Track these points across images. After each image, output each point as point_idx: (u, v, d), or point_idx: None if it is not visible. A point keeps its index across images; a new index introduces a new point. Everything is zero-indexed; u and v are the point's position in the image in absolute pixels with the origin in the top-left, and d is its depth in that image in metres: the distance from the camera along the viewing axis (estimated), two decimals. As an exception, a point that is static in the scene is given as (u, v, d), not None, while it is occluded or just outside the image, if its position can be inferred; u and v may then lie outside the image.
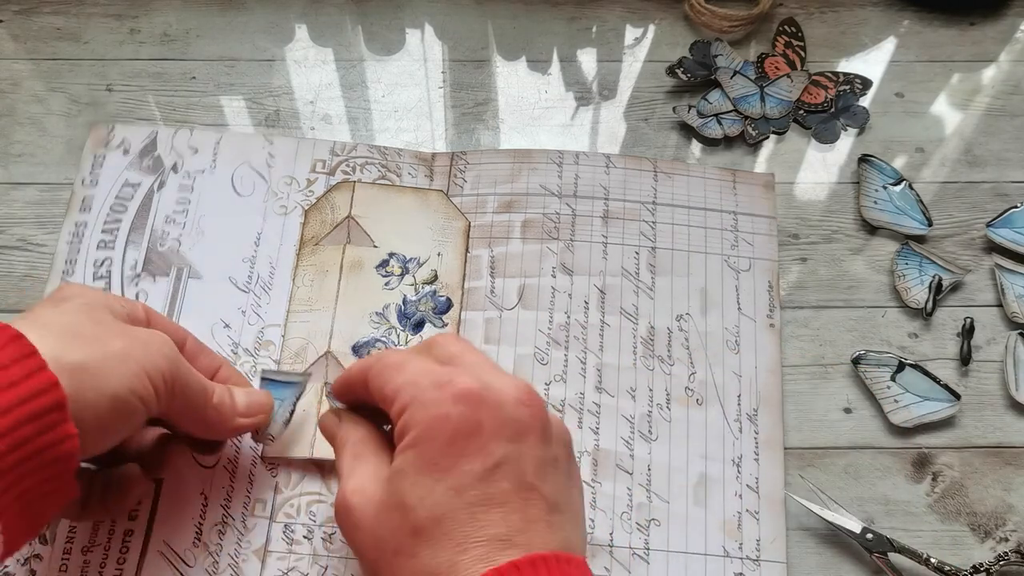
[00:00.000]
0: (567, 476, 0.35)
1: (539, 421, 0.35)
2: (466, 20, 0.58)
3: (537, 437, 0.34)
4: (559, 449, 0.35)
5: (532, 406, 0.35)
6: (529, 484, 0.33)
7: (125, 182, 0.51)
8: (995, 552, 0.44)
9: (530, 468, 0.33)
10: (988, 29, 0.58)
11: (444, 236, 0.50)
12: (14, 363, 0.31)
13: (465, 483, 0.32)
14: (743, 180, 0.52)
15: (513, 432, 0.34)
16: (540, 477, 0.34)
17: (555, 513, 0.33)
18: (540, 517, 0.33)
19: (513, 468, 0.33)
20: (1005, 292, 0.49)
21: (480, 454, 0.33)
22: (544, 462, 0.34)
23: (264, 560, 0.42)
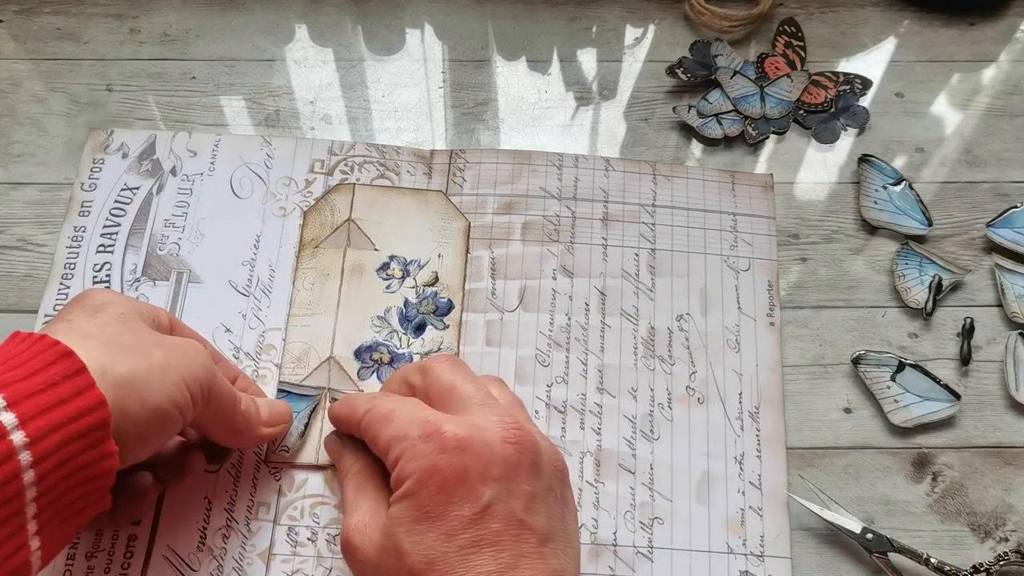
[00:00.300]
0: (560, 503, 0.36)
1: (528, 456, 0.36)
2: (466, 20, 0.58)
3: (526, 472, 0.35)
4: (551, 478, 0.36)
5: (519, 443, 0.36)
6: (519, 521, 0.34)
7: (124, 186, 0.51)
8: (995, 552, 0.44)
9: (519, 505, 0.35)
10: (988, 29, 0.58)
11: (444, 237, 0.50)
12: (65, 380, 0.31)
13: (456, 527, 0.34)
14: (742, 181, 0.52)
15: (501, 472, 0.35)
16: (530, 512, 0.35)
17: (547, 544, 0.35)
18: (531, 551, 0.34)
19: (502, 508, 0.34)
20: (1005, 292, 0.49)
21: (469, 499, 0.34)
22: (534, 496, 0.35)
23: (268, 563, 0.42)
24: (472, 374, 0.40)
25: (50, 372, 0.31)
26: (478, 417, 0.37)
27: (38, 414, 0.30)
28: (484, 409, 0.37)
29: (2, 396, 0.30)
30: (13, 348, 0.32)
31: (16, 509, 0.30)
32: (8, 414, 0.30)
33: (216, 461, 0.43)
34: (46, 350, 0.32)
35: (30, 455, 0.30)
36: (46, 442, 0.30)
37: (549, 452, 0.37)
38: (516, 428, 0.36)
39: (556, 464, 0.37)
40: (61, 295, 0.48)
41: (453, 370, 0.40)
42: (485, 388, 0.39)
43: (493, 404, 0.38)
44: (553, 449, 0.37)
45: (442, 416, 0.37)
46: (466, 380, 0.39)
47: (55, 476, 0.31)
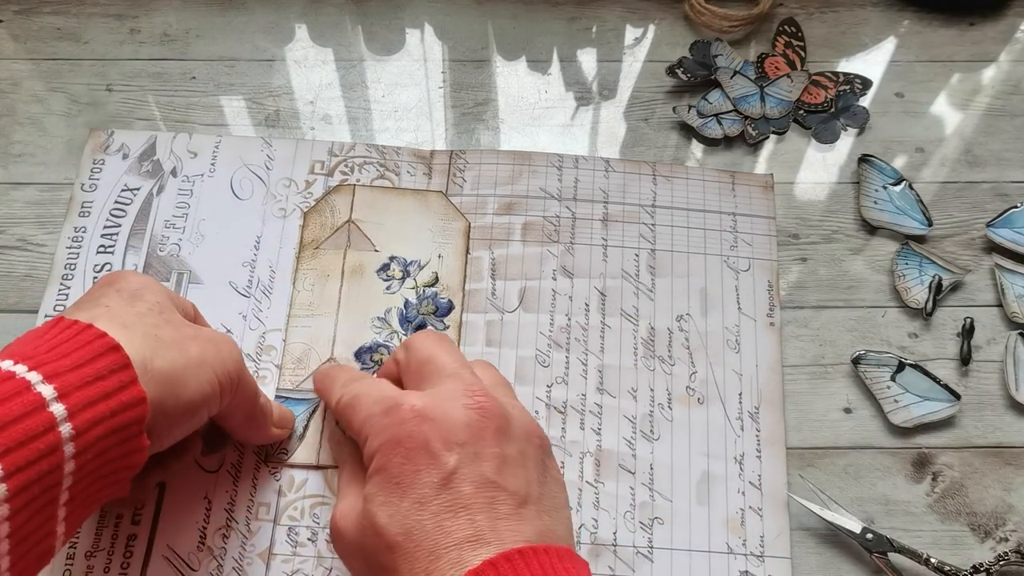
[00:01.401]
0: (538, 469, 0.36)
1: (493, 420, 0.36)
2: (466, 20, 0.58)
3: (493, 436, 0.35)
4: (524, 444, 0.36)
5: (482, 407, 0.36)
6: (491, 482, 0.34)
7: (124, 186, 0.51)
8: (995, 552, 0.44)
9: (489, 468, 0.35)
10: (988, 29, 0.58)
11: (444, 237, 0.50)
12: (111, 374, 0.32)
13: (427, 494, 0.34)
14: (741, 181, 0.52)
15: (465, 437, 0.35)
16: (502, 474, 0.35)
17: (526, 505, 0.34)
18: (509, 512, 0.34)
19: (471, 471, 0.34)
20: (1005, 292, 0.49)
21: (434, 465, 0.34)
22: (505, 459, 0.35)
23: (268, 563, 0.42)
24: (453, 348, 0.40)
25: (98, 365, 0.32)
26: (444, 388, 0.37)
27: (85, 407, 0.31)
28: (452, 380, 0.38)
29: (53, 386, 0.31)
30: (59, 335, 0.33)
31: (53, 497, 0.31)
32: (59, 405, 0.30)
33: (213, 450, 0.44)
34: (93, 341, 0.32)
35: (73, 447, 0.31)
36: (89, 435, 0.31)
37: (522, 420, 0.37)
38: (480, 395, 0.36)
39: (530, 431, 0.37)
40: (61, 295, 0.48)
41: (432, 343, 0.40)
42: (462, 360, 0.39)
43: (463, 375, 0.38)
44: (529, 420, 0.38)
45: (403, 392, 0.38)
46: (443, 352, 0.40)
47: (91, 467, 0.31)
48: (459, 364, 0.39)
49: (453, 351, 0.40)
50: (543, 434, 0.38)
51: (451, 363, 0.39)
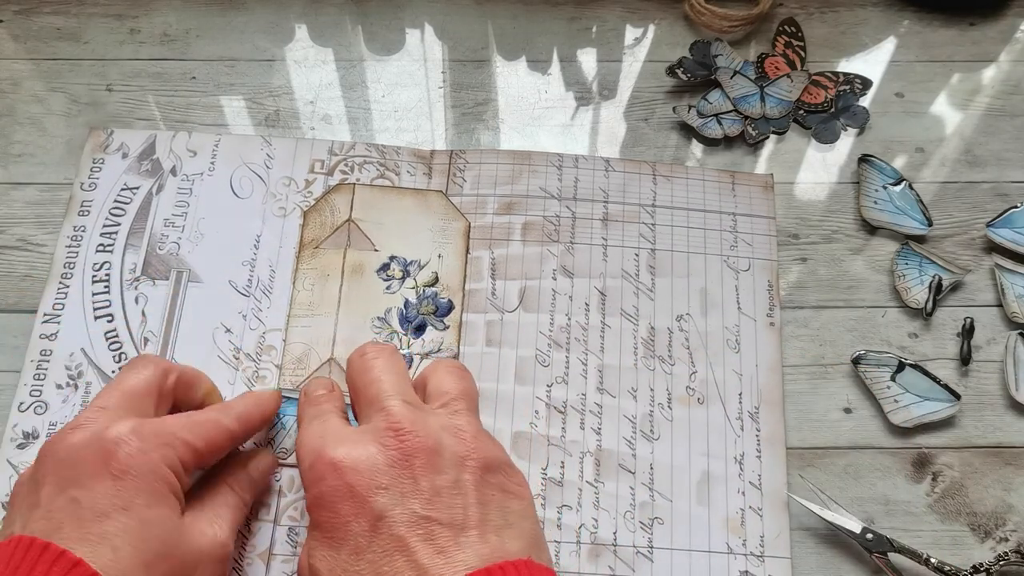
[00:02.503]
0: (477, 492, 0.35)
1: (419, 455, 0.35)
2: (466, 20, 0.58)
3: (421, 470, 0.35)
4: (456, 471, 0.36)
5: (402, 446, 0.36)
6: (424, 518, 0.34)
7: (124, 186, 0.51)
8: (995, 552, 0.44)
9: (419, 503, 0.34)
10: (988, 29, 0.58)
11: (444, 237, 0.50)
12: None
13: (360, 544, 0.34)
14: (741, 181, 0.52)
15: (389, 479, 0.35)
16: (434, 506, 0.34)
17: (465, 532, 0.34)
18: (447, 544, 0.33)
19: (400, 511, 0.34)
20: (1005, 292, 0.49)
21: (361, 514, 0.34)
22: (436, 491, 0.35)
23: (268, 563, 0.42)
24: (387, 365, 0.40)
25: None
26: (369, 426, 0.37)
27: None
28: (379, 415, 0.37)
29: None
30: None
31: None
32: None
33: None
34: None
35: None
36: None
37: (454, 446, 0.36)
38: (403, 433, 0.36)
39: (463, 455, 0.36)
40: (60, 295, 0.48)
41: (365, 366, 0.40)
42: (396, 382, 0.39)
43: (391, 407, 0.37)
44: (465, 443, 0.37)
45: (330, 439, 0.37)
46: (378, 376, 0.39)
47: None
48: (392, 390, 0.38)
49: (389, 369, 0.40)
50: (483, 453, 0.37)
51: (385, 390, 0.38)
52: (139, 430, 0.36)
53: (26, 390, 0.46)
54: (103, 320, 0.47)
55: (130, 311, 0.48)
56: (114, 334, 0.47)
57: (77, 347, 0.47)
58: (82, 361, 0.46)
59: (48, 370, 0.46)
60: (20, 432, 0.45)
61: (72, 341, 0.47)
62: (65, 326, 0.47)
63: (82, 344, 0.47)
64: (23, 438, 0.45)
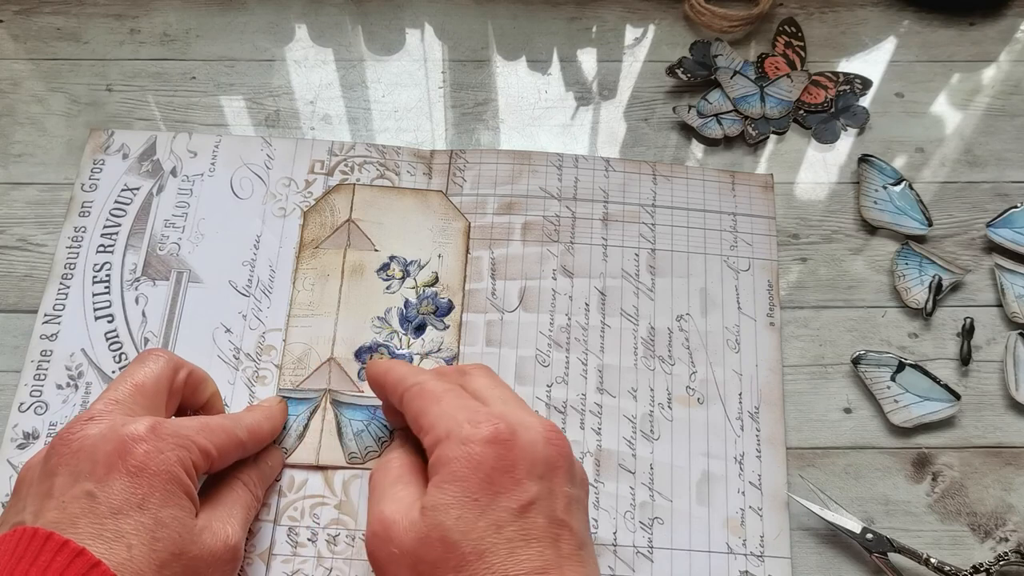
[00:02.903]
0: (586, 516, 0.37)
1: (565, 460, 0.36)
2: (466, 20, 0.58)
3: (564, 475, 0.36)
4: (581, 490, 0.37)
5: (559, 445, 0.36)
6: (560, 520, 0.35)
7: (124, 186, 0.51)
8: (995, 552, 0.44)
9: (560, 505, 0.35)
10: (988, 29, 0.58)
11: (444, 237, 0.50)
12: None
13: (504, 519, 0.34)
14: (741, 181, 0.52)
15: (544, 470, 0.35)
16: (569, 514, 0.35)
17: (583, 548, 0.35)
18: (571, 552, 0.34)
19: (546, 505, 0.35)
20: (1005, 292, 0.49)
21: (516, 491, 0.34)
22: (571, 499, 0.36)
23: (269, 563, 0.42)
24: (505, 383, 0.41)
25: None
26: (521, 416, 0.37)
27: None
28: (523, 410, 0.38)
29: None
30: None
31: None
32: None
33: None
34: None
35: None
36: None
37: (581, 467, 0.38)
38: (557, 432, 0.37)
39: (585, 479, 0.38)
40: (61, 295, 0.48)
41: (489, 376, 0.40)
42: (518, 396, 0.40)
43: (528, 408, 0.38)
44: (581, 465, 0.38)
45: (490, 409, 0.37)
46: (502, 385, 0.40)
47: None
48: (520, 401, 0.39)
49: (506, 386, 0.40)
50: (587, 487, 0.38)
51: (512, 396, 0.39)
52: (157, 429, 0.36)
53: (26, 390, 0.46)
54: (103, 320, 0.47)
55: (130, 311, 0.48)
56: (114, 334, 0.47)
57: (77, 347, 0.47)
58: (82, 361, 0.46)
59: (48, 370, 0.46)
60: (20, 432, 0.45)
61: (72, 341, 0.47)
62: (65, 326, 0.47)
63: (82, 344, 0.47)
64: (23, 438, 0.45)
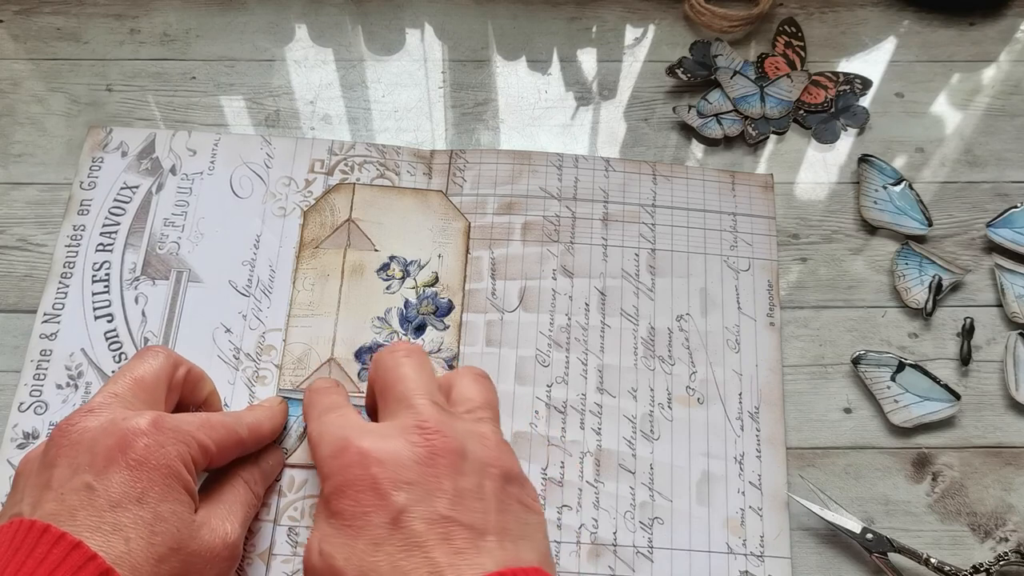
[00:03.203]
0: (497, 499, 0.35)
1: (445, 455, 0.35)
2: (466, 20, 0.58)
3: (445, 471, 0.35)
4: (480, 477, 0.36)
5: (431, 444, 0.35)
6: (445, 518, 0.34)
7: (123, 185, 0.51)
8: (995, 552, 0.44)
9: (443, 503, 0.34)
10: (988, 29, 0.58)
11: (445, 237, 0.50)
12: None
13: (380, 535, 0.34)
14: (741, 181, 0.52)
15: (415, 475, 0.35)
16: (456, 508, 0.34)
17: (484, 538, 0.34)
18: (466, 546, 0.33)
19: (422, 509, 0.34)
20: (1005, 292, 0.49)
21: (383, 506, 0.34)
22: (460, 493, 0.35)
23: (268, 564, 0.42)
24: (418, 365, 0.40)
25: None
26: (396, 423, 0.37)
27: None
28: (407, 413, 0.37)
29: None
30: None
31: None
32: None
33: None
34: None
35: None
36: None
37: (479, 451, 0.36)
38: (431, 432, 0.36)
39: (487, 461, 0.36)
40: (60, 294, 0.48)
41: (395, 364, 0.40)
42: (425, 384, 0.39)
43: (420, 406, 0.37)
44: (489, 449, 0.37)
45: (354, 430, 0.37)
46: (407, 374, 0.39)
47: None
48: (421, 390, 0.38)
49: (418, 369, 0.39)
50: (505, 463, 0.37)
51: (413, 388, 0.38)
52: (158, 423, 0.36)
53: (26, 390, 0.46)
54: (103, 320, 0.47)
55: (130, 311, 0.48)
56: (114, 334, 0.47)
57: (77, 347, 0.47)
58: (82, 361, 0.46)
59: (48, 370, 0.46)
60: (20, 432, 0.45)
61: (72, 341, 0.47)
62: (65, 326, 0.47)
63: (82, 344, 0.47)
64: (23, 438, 0.45)
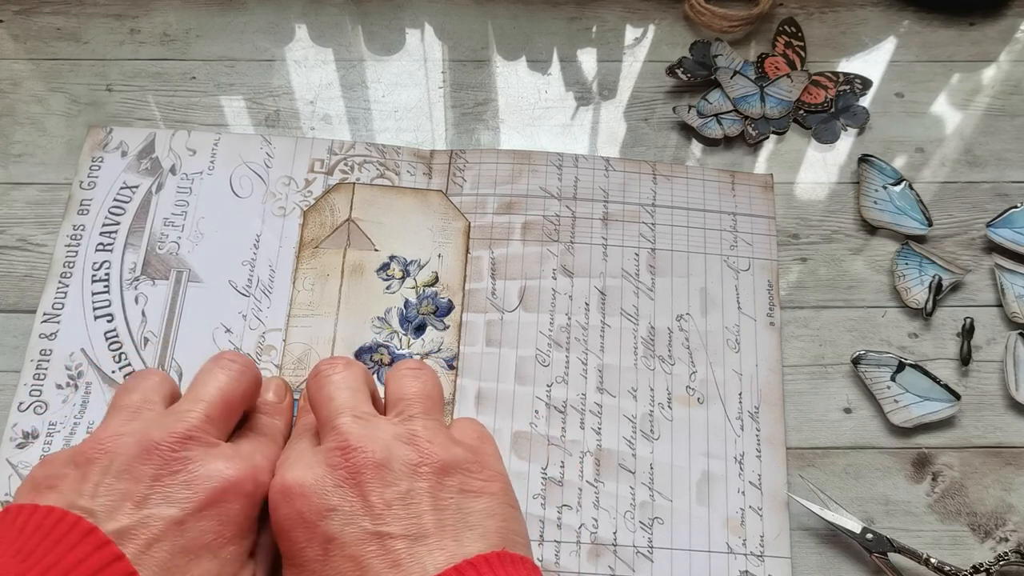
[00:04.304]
0: (431, 499, 0.35)
1: (366, 471, 0.35)
2: (466, 20, 0.58)
3: (370, 486, 0.34)
4: (408, 481, 0.35)
5: (349, 465, 0.35)
6: (374, 534, 0.33)
7: (123, 184, 0.51)
8: (995, 552, 0.44)
9: (368, 520, 0.34)
10: (988, 29, 0.58)
11: (444, 237, 0.50)
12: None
13: (316, 569, 0.34)
14: (741, 181, 0.52)
15: (338, 499, 0.34)
16: (385, 521, 0.34)
17: (422, 541, 0.33)
18: (403, 556, 0.33)
19: (350, 531, 0.33)
20: (1005, 292, 0.49)
21: (312, 539, 0.34)
22: (387, 504, 0.34)
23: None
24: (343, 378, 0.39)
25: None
26: (320, 449, 0.36)
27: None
28: (329, 435, 0.37)
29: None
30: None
31: None
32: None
33: None
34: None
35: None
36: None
37: (404, 456, 0.35)
38: (349, 450, 0.35)
39: (416, 463, 0.35)
40: (60, 294, 0.48)
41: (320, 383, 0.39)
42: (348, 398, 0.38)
43: (340, 424, 0.37)
44: (417, 451, 0.36)
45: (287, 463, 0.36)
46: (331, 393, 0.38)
47: None
48: (343, 408, 0.37)
49: (342, 386, 0.39)
50: (437, 456, 0.35)
51: (337, 407, 0.37)
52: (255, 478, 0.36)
53: (26, 390, 0.46)
54: (103, 320, 0.47)
55: (130, 311, 0.48)
56: (114, 334, 0.47)
57: (77, 347, 0.47)
58: (82, 361, 0.46)
59: (48, 370, 0.46)
60: (20, 432, 0.45)
61: (72, 341, 0.47)
62: (65, 326, 0.47)
63: (82, 344, 0.47)
64: (23, 438, 0.45)
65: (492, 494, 0.36)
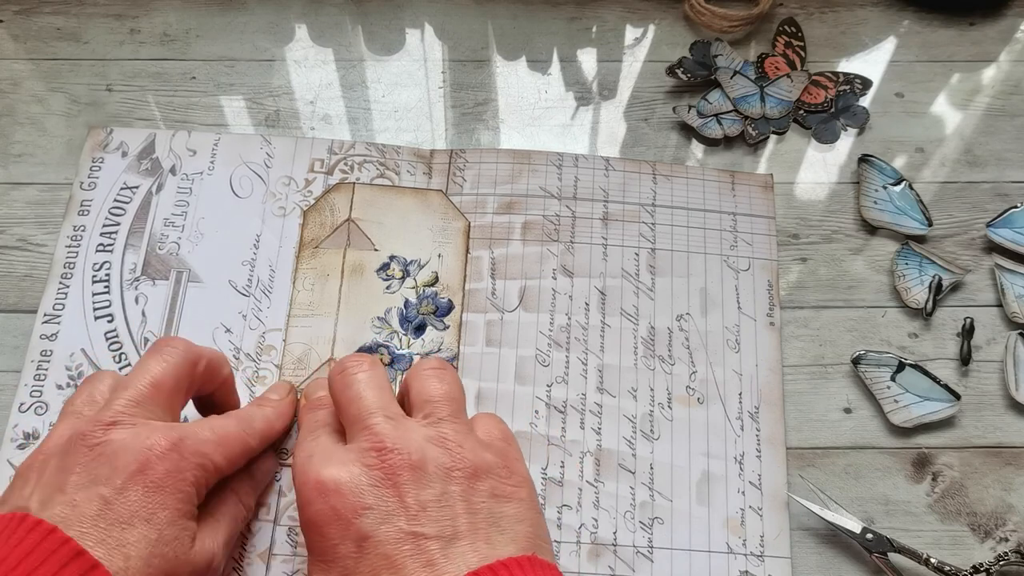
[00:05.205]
0: (465, 502, 0.35)
1: (402, 472, 0.35)
2: (466, 20, 0.58)
3: (406, 487, 0.35)
4: (442, 484, 0.35)
5: (384, 464, 0.35)
6: (411, 534, 0.34)
7: (123, 185, 0.51)
8: (995, 552, 0.44)
9: (403, 520, 0.34)
10: (988, 29, 0.58)
11: (444, 237, 0.50)
12: None
13: (349, 565, 0.34)
14: (741, 181, 0.52)
15: (373, 499, 0.35)
16: (421, 522, 0.34)
17: (455, 543, 0.34)
18: (437, 557, 0.33)
19: (386, 529, 0.34)
20: (1005, 292, 0.49)
21: (346, 535, 0.34)
22: (422, 506, 0.34)
23: (268, 563, 0.42)
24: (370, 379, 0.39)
25: None
26: (353, 447, 0.37)
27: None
28: (362, 434, 0.37)
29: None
30: None
31: None
32: None
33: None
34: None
35: None
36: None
37: (439, 458, 0.36)
38: (386, 450, 0.36)
39: (449, 467, 0.36)
40: (60, 295, 0.48)
41: (347, 383, 0.39)
42: (379, 397, 0.38)
43: (373, 424, 0.37)
44: (450, 455, 0.36)
45: (318, 459, 0.37)
46: (360, 392, 0.39)
47: None
48: (374, 408, 0.38)
49: (370, 384, 0.39)
50: (469, 461, 0.36)
51: (367, 407, 0.38)
52: (179, 446, 0.36)
53: (26, 390, 0.46)
54: (103, 320, 0.47)
55: (130, 311, 0.48)
56: (114, 334, 0.47)
57: (77, 347, 0.47)
58: (82, 361, 0.46)
59: (48, 370, 0.46)
60: (20, 432, 0.45)
61: (72, 341, 0.47)
62: (65, 326, 0.47)
63: (82, 344, 0.47)
64: (23, 438, 0.45)
65: (521, 499, 0.37)
